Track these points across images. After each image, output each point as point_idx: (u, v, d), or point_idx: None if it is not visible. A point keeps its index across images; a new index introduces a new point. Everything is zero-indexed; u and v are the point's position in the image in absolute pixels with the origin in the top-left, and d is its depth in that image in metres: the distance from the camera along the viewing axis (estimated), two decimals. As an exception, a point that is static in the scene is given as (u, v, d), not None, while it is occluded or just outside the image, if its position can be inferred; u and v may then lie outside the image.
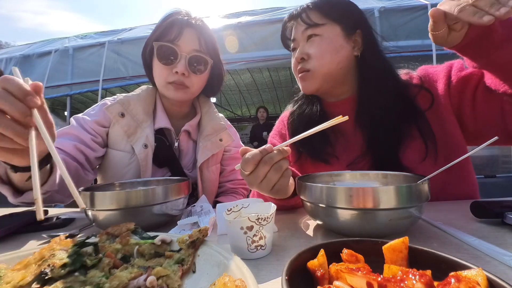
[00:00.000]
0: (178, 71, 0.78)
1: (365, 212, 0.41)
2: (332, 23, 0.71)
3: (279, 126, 0.93)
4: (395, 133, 0.68)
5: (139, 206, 0.53)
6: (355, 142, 0.75)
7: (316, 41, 0.71)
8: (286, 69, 5.59)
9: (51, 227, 0.60)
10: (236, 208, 0.46)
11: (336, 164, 0.75)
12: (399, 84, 0.73)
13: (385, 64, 0.74)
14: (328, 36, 0.71)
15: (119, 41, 4.48)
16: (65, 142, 0.74)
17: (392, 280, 0.20)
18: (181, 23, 0.79)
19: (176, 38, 0.78)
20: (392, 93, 0.70)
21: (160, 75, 0.81)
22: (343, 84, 0.76)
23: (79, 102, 6.19)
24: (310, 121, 0.79)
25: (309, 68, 0.72)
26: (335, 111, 0.79)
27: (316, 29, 0.71)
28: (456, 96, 0.68)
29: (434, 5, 1.88)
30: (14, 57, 4.74)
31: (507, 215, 0.45)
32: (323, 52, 0.70)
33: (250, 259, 0.39)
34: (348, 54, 0.72)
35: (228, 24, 4.07)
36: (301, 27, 0.73)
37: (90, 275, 0.30)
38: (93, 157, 0.79)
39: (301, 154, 0.81)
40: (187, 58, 0.78)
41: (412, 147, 0.67)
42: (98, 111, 0.84)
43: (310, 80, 0.73)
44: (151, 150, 0.82)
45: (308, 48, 0.72)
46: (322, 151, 0.77)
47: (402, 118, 0.68)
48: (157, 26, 0.81)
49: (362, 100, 0.74)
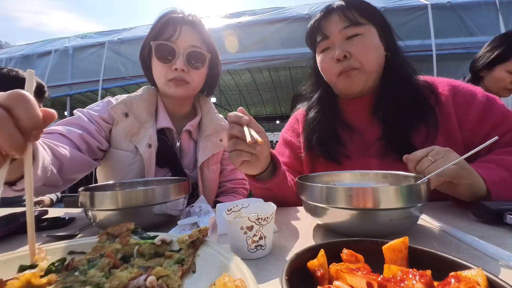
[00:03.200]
0: (177, 68, 0.78)
1: (365, 212, 0.41)
2: (369, 23, 0.73)
3: (292, 121, 0.95)
4: (407, 123, 0.71)
5: (139, 206, 0.53)
6: (371, 137, 0.76)
7: (359, 40, 0.71)
8: (286, 69, 5.59)
9: (51, 227, 0.60)
10: (236, 208, 0.46)
11: (349, 164, 0.76)
12: (417, 82, 0.76)
13: (408, 63, 0.77)
14: (369, 36, 0.72)
15: (119, 41, 4.48)
16: (71, 130, 0.73)
17: (392, 280, 0.20)
18: (176, 21, 0.80)
19: (172, 35, 0.79)
20: (412, 89, 0.74)
21: (160, 73, 0.81)
22: (372, 83, 0.77)
23: (79, 102, 6.19)
24: (325, 118, 0.81)
25: (357, 66, 0.72)
26: (352, 109, 0.82)
27: (358, 28, 0.71)
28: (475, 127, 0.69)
29: (434, 5, 1.92)
30: (14, 57, 4.74)
31: (507, 215, 0.45)
32: (368, 51, 0.72)
33: (250, 259, 0.39)
34: (383, 54, 0.75)
35: (228, 24, 4.07)
36: (339, 25, 0.72)
37: (90, 275, 0.30)
38: (96, 148, 0.79)
39: (312, 149, 0.82)
40: (185, 54, 0.79)
41: (417, 137, 0.71)
42: (102, 107, 0.84)
43: (357, 77, 0.73)
44: (154, 150, 0.82)
45: (348, 46, 0.72)
46: (335, 152, 0.78)
47: (415, 112, 0.71)
48: (153, 26, 0.82)
49: (382, 98, 0.76)
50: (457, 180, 0.54)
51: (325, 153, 0.79)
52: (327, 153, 0.79)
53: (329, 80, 0.80)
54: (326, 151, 0.79)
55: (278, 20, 4.03)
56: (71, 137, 0.72)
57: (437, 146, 0.58)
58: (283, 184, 0.67)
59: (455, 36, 3.45)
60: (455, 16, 3.45)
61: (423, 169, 0.54)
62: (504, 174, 0.56)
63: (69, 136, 0.72)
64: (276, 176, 0.64)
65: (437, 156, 0.55)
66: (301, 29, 3.99)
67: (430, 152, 0.57)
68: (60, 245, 0.39)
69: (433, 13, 3.46)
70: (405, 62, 0.78)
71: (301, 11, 4.03)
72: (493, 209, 0.47)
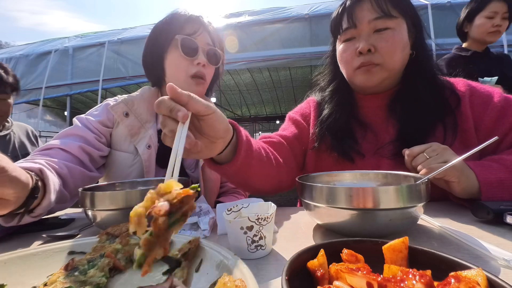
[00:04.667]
0: (200, 62, 0.81)
1: (365, 212, 0.41)
2: (401, 17, 0.68)
3: (303, 105, 0.90)
4: (425, 125, 0.68)
5: (139, 206, 0.53)
6: (385, 137, 0.73)
7: (388, 34, 0.66)
8: (286, 69, 5.59)
9: (51, 227, 0.60)
10: (236, 208, 0.46)
11: (360, 163, 0.73)
12: (441, 83, 0.73)
13: (434, 64, 0.74)
14: (399, 31, 0.67)
15: (119, 41, 4.49)
16: (69, 143, 0.73)
17: (392, 280, 0.20)
18: (195, 20, 0.83)
19: (195, 32, 0.81)
20: (435, 90, 0.71)
21: (181, 68, 0.81)
22: (393, 80, 0.74)
23: (79, 102, 6.19)
24: (341, 113, 0.77)
25: (379, 62, 0.68)
26: (367, 105, 0.79)
27: (390, 21, 0.66)
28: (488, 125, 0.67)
29: (434, 5, 1.91)
30: (14, 57, 4.75)
31: (507, 215, 0.45)
32: (395, 48, 0.67)
33: (250, 259, 0.39)
34: (408, 52, 0.70)
35: (228, 24, 4.07)
36: (370, 14, 0.67)
37: (90, 275, 0.30)
38: (97, 156, 0.79)
39: (323, 143, 0.78)
40: (205, 51, 0.83)
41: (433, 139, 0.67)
42: (101, 111, 0.84)
43: (377, 74, 0.69)
44: (154, 151, 0.82)
45: (375, 40, 0.67)
46: (350, 149, 0.74)
47: (435, 114, 0.68)
48: (171, 21, 0.81)
49: (402, 95, 0.73)
50: (446, 178, 0.55)
51: (339, 149, 0.74)
52: (341, 150, 0.74)
53: (346, 73, 0.75)
54: (340, 148, 0.74)
55: (278, 20, 4.04)
56: (71, 150, 0.72)
57: (435, 143, 0.58)
58: (248, 169, 0.57)
59: (455, 36, 3.45)
60: (455, 16, 3.45)
61: (417, 165, 0.55)
62: (504, 175, 0.55)
63: (68, 150, 0.72)
64: (234, 162, 0.53)
65: (433, 153, 0.55)
66: (301, 29, 4.00)
67: (427, 148, 0.57)
68: (60, 245, 0.39)
69: (433, 13, 3.46)
70: (432, 61, 0.73)
71: (301, 11, 4.03)
72: (493, 209, 0.47)
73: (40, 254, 0.37)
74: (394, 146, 0.69)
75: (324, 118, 0.79)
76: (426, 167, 0.54)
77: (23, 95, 4.69)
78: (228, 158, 0.54)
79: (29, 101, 4.94)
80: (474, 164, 0.57)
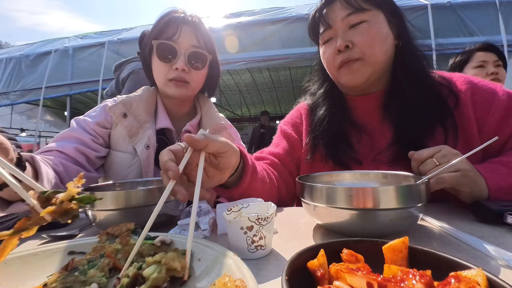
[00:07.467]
0: (178, 67, 0.78)
1: (365, 212, 0.41)
2: (376, 9, 0.67)
3: (294, 114, 0.88)
4: (422, 126, 0.66)
5: (139, 206, 0.53)
6: (381, 140, 0.71)
7: (363, 27, 0.65)
8: (286, 69, 5.59)
9: (51, 227, 0.60)
10: (236, 208, 0.45)
11: (358, 169, 0.69)
12: (432, 78, 0.70)
13: (421, 54, 0.71)
14: (375, 22, 0.66)
15: (119, 41, 4.48)
16: (65, 145, 0.74)
17: (392, 280, 0.20)
18: (178, 21, 0.80)
19: (174, 35, 0.79)
20: (426, 85, 0.68)
21: (160, 72, 0.82)
22: (382, 76, 0.72)
23: (79, 102, 6.19)
24: (333, 118, 0.75)
25: (359, 57, 0.66)
26: (360, 106, 0.76)
27: (363, 14, 0.65)
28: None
29: (434, 5, 1.91)
30: (14, 57, 4.74)
31: (507, 215, 0.45)
32: (373, 39, 0.65)
33: (250, 259, 0.39)
34: (392, 43, 0.68)
35: (228, 24, 4.07)
36: (342, 12, 0.67)
37: (90, 275, 0.30)
38: (94, 157, 0.79)
39: (317, 152, 0.76)
40: (186, 54, 0.79)
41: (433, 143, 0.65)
42: (99, 112, 0.84)
43: (361, 70, 0.67)
44: (153, 151, 0.82)
45: (352, 35, 0.66)
46: (346, 156, 0.71)
47: (432, 114, 0.66)
48: (154, 25, 0.82)
49: (394, 94, 0.70)
50: (458, 187, 0.53)
51: (334, 157, 0.72)
52: (336, 158, 0.72)
53: (331, 74, 0.74)
54: (335, 156, 0.72)
55: (278, 20, 4.03)
56: (68, 152, 0.73)
57: (446, 147, 0.54)
58: (253, 191, 0.59)
59: (455, 36, 3.46)
60: (455, 16, 3.46)
61: (425, 171, 0.52)
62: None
63: (65, 151, 0.73)
64: (240, 185, 0.56)
65: (443, 159, 0.52)
66: (301, 29, 3.99)
67: (436, 152, 0.54)
68: (60, 245, 0.39)
69: (433, 13, 3.46)
70: (419, 53, 0.70)
71: (301, 11, 4.03)
72: (493, 209, 0.47)
73: (40, 254, 0.37)
74: (392, 151, 0.67)
75: (316, 125, 0.78)
76: (437, 177, 0.50)
77: (23, 95, 4.69)
78: (234, 182, 0.57)
79: (29, 101, 4.94)
80: (484, 169, 0.55)
